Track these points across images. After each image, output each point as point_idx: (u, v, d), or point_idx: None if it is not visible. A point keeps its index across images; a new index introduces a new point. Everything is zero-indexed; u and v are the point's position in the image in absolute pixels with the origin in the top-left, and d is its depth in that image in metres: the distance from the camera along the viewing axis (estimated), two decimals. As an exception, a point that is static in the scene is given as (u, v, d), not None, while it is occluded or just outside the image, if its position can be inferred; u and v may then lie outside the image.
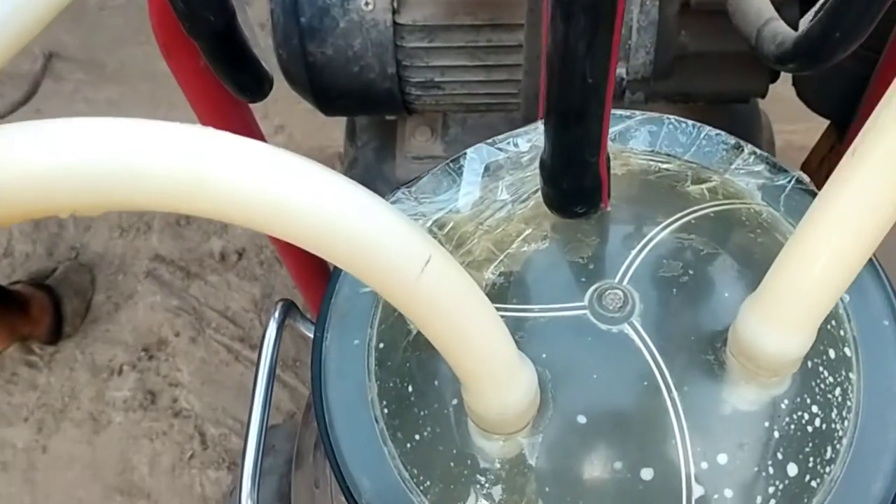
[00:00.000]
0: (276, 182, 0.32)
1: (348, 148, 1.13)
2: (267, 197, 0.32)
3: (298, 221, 0.32)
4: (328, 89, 0.91)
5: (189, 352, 1.64)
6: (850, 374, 0.48)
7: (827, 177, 0.97)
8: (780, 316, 0.41)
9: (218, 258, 1.72)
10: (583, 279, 0.48)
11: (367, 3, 0.85)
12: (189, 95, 0.69)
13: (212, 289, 1.69)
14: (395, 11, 0.86)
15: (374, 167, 1.11)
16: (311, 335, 0.54)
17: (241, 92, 0.57)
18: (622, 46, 0.88)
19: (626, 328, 0.47)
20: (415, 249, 0.35)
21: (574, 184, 0.48)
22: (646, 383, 0.45)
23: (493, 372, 0.39)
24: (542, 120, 0.47)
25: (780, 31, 0.60)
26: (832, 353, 0.48)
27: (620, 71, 0.89)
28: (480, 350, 0.38)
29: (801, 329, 0.41)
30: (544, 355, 0.46)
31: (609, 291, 0.47)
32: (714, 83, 0.92)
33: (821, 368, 0.47)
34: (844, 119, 0.87)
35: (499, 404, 0.41)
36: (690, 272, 0.48)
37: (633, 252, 0.49)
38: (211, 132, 0.32)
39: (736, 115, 1.08)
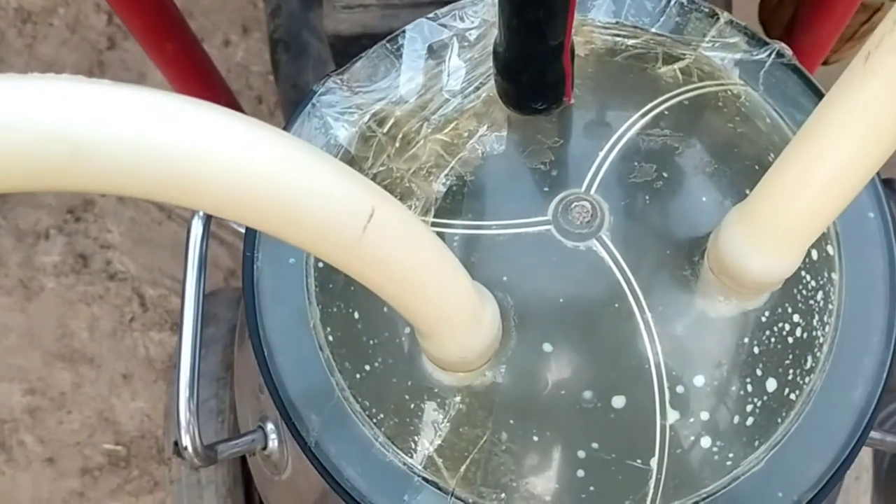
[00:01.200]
0: (161, 133, 0.25)
1: (269, -7, 1.02)
2: (152, 155, 0.25)
3: (200, 185, 0.26)
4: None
5: (118, 212, 1.56)
6: (833, 275, 0.45)
7: (788, 13, 0.91)
8: (771, 237, 0.37)
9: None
10: (545, 189, 0.43)
11: None
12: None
13: (135, 144, 1.58)
14: None
15: (299, 16, 1.01)
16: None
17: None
18: None
19: (595, 244, 0.42)
20: (353, 205, 0.29)
21: (533, 77, 0.42)
22: (617, 305, 0.41)
23: (453, 321, 0.34)
24: None
25: None
26: (814, 255, 0.44)
27: None
28: (437, 303, 0.33)
29: (792, 250, 0.37)
30: (505, 278, 0.42)
31: (575, 203, 0.42)
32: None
33: (803, 273, 0.44)
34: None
35: (459, 349, 0.37)
36: (664, 175, 0.43)
37: (601, 155, 0.43)
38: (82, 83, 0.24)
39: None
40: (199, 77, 0.79)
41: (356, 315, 0.44)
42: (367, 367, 0.43)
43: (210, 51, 1.63)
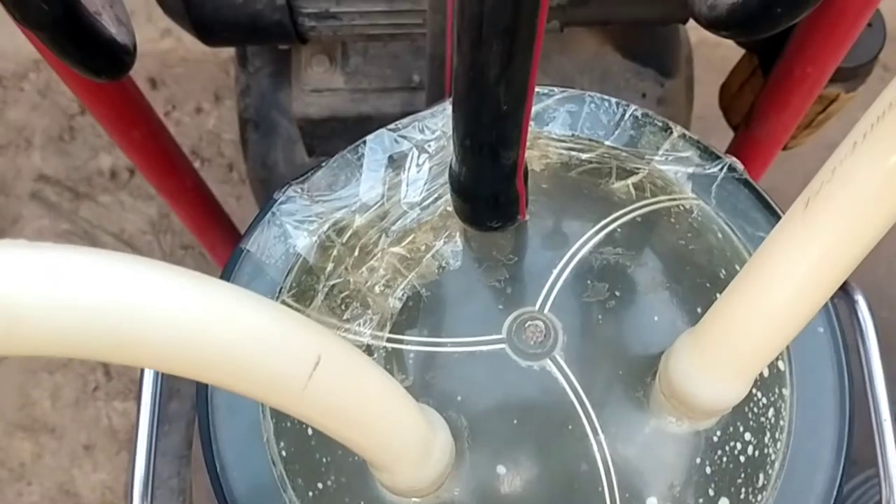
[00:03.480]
0: (98, 295, 0.25)
1: (240, 74, 1.03)
2: (97, 315, 0.25)
3: (138, 346, 0.26)
4: (209, 22, 0.81)
5: (84, 279, 1.54)
6: (784, 391, 0.45)
7: (748, 101, 0.93)
8: (719, 365, 0.37)
9: (108, 176, 1.60)
10: (500, 307, 0.43)
11: (248, -73, 0.75)
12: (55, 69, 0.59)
13: (104, 210, 1.58)
14: (281, -65, 0.76)
15: (269, 96, 1.01)
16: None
17: (95, 76, 0.48)
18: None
19: (549, 364, 0.42)
20: (298, 355, 0.29)
21: (488, 200, 0.42)
22: (570, 426, 0.41)
23: (403, 456, 0.34)
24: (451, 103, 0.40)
25: (712, -11, 0.53)
26: (765, 372, 0.45)
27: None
28: (387, 441, 0.33)
29: (742, 378, 0.38)
30: (459, 398, 0.42)
31: (529, 322, 0.43)
32: (634, 9, 0.86)
33: (754, 390, 0.44)
34: (768, 53, 0.82)
35: (410, 480, 0.36)
36: (617, 294, 0.44)
37: (555, 272, 0.44)
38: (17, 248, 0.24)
39: (654, 32, 1.02)
40: (164, 161, 0.79)
41: (309, 431, 0.44)
42: (320, 485, 0.43)
43: (182, 118, 1.64)
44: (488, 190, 0.41)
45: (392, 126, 0.51)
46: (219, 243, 0.93)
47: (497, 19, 0.31)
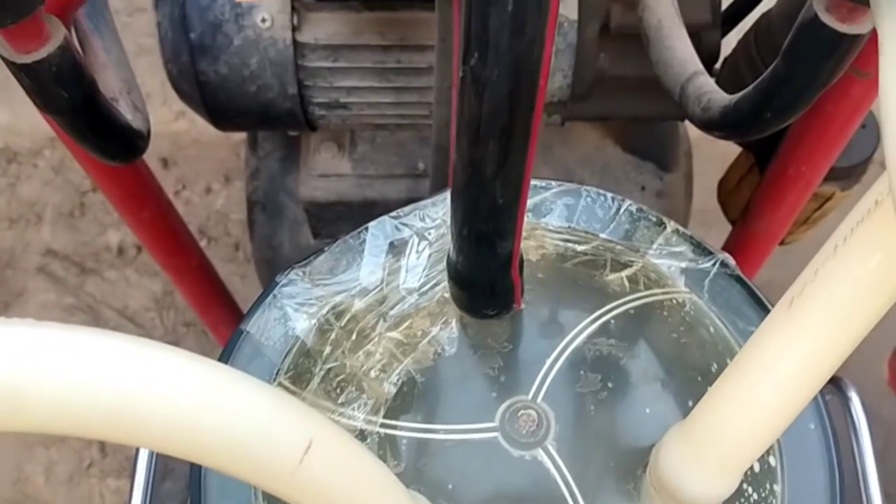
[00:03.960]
0: (105, 375, 0.26)
1: (250, 157, 1.05)
2: (93, 396, 0.26)
3: (133, 427, 0.27)
4: (223, 108, 0.84)
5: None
6: (775, 487, 0.45)
7: (745, 197, 0.95)
8: (709, 459, 0.37)
9: (116, 252, 1.62)
10: (493, 395, 0.44)
11: (263, 20, 0.78)
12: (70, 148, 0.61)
13: (109, 285, 1.59)
14: (294, 29, 0.79)
15: (277, 179, 1.04)
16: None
17: (110, 159, 0.50)
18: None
19: (540, 454, 0.42)
20: (290, 439, 0.29)
21: (484, 288, 0.43)
22: (561, 518, 0.41)
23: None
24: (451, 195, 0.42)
25: (705, 91, 0.55)
26: (756, 467, 0.45)
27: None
28: (375, 527, 0.33)
29: (731, 473, 0.38)
30: (450, 486, 0.42)
31: (522, 411, 0.43)
32: (632, 107, 0.88)
33: (745, 485, 0.44)
34: (764, 151, 0.84)
35: (398, 567, 0.36)
36: (609, 385, 0.44)
37: (548, 362, 0.45)
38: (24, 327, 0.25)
39: (653, 127, 1.05)
40: (171, 241, 0.81)
41: (302, 515, 0.44)
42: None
43: (191, 197, 1.67)
44: (484, 278, 0.42)
45: (394, 213, 0.52)
46: (221, 322, 0.94)
47: (494, 120, 0.33)
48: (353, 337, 0.48)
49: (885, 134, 0.28)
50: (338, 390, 0.46)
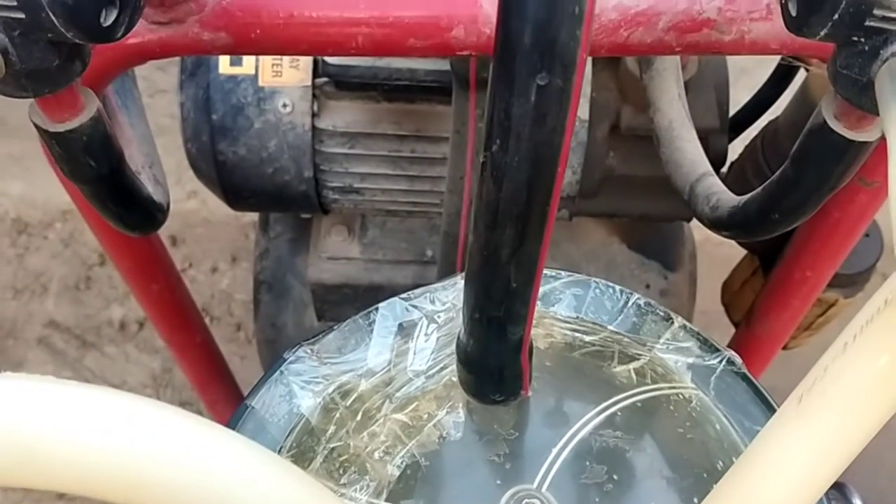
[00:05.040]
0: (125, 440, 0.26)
1: (260, 237, 1.07)
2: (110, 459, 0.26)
3: (140, 490, 0.26)
4: (238, 188, 0.86)
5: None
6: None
7: (748, 300, 0.95)
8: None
9: (118, 327, 1.62)
10: (498, 482, 0.44)
11: (284, 105, 0.80)
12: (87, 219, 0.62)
13: (108, 360, 1.58)
14: (314, 115, 0.81)
15: (286, 260, 1.05)
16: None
17: (129, 230, 0.51)
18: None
19: (543, 544, 0.42)
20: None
21: (493, 373, 0.44)
22: None
23: None
24: (462, 279, 0.42)
25: (714, 191, 0.57)
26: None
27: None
28: None
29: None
30: (450, 574, 0.41)
31: (526, 500, 0.43)
32: (640, 205, 0.90)
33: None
34: (768, 254, 0.85)
35: None
36: (615, 478, 0.44)
37: (554, 451, 0.44)
38: (54, 386, 0.26)
39: (659, 227, 1.07)
40: (177, 315, 0.82)
41: None
42: None
43: (197, 276, 1.68)
44: (494, 363, 0.43)
45: (405, 295, 0.53)
46: (220, 401, 0.93)
47: (512, 205, 0.34)
48: (359, 417, 0.48)
49: None
50: (340, 471, 0.46)
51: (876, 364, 0.31)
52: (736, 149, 0.92)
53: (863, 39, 0.34)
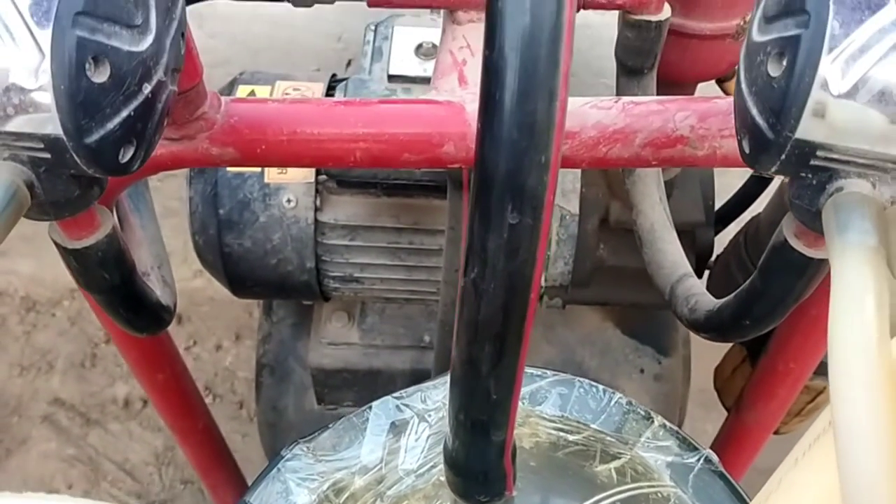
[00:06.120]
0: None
1: (263, 321, 1.10)
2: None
3: None
4: (243, 278, 0.89)
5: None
6: None
7: (739, 385, 0.97)
8: None
9: (122, 404, 1.64)
10: (482, 582, 0.46)
11: (289, 200, 0.84)
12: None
13: (112, 438, 1.60)
14: (317, 209, 0.85)
15: (288, 344, 1.07)
16: None
17: (138, 332, 0.54)
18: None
19: None
20: None
21: (478, 475, 0.46)
22: None
23: None
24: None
25: (693, 293, 0.60)
26: None
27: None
28: None
29: None
30: None
31: None
32: (631, 294, 0.93)
33: None
34: (755, 345, 0.88)
35: None
36: (594, 578, 0.46)
37: (536, 551, 0.46)
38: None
39: (652, 313, 1.09)
40: (181, 402, 0.84)
41: None
42: None
43: (201, 353, 1.71)
44: (478, 465, 0.45)
45: (397, 394, 0.56)
46: (220, 484, 0.95)
47: (490, 326, 0.37)
48: (351, 514, 0.50)
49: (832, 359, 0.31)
50: (333, 567, 0.48)
51: (823, 480, 0.34)
52: (724, 239, 0.96)
53: (810, 175, 0.38)
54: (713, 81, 0.85)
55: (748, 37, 0.39)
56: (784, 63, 0.36)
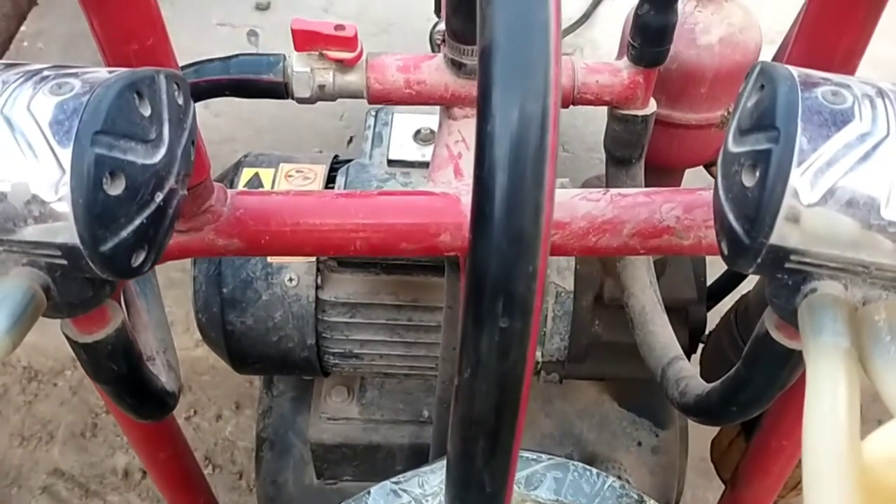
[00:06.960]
0: None
1: (263, 395, 1.11)
2: None
3: None
4: (244, 354, 0.90)
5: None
6: None
7: (735, 459, 0.98)
8: None
9: (121, 475, 1.63)
10: None
11: (290, 279, 0.86)
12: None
13: (110, 509, 1.59)
14: (318, 287, 0.87)
15: (288, 418, 1.09)
16: None
17: (142, 419, 0.56)
18: (538, 331, 0.90)
19: None
20: None
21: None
22: None
23: None
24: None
25: (683, 376, 0.61)
26: None
27: (536, 354, 0.90)
28: None
29: None
30: None
31: None
32: (626, 368, 0.94)
33: None
34: (749, 421, 0.89)
35: None
36: None
37: None
38: None
39: (648, 386, 1.11)
40: (182, 480, 0.85)
41: None
42: None
43: (201, 423, 1.71)
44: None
45: (395, 479, 0.57)
46: (220, 561, 0.95)
47: (483, 423, 0.38)
48: None
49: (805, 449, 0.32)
50: None
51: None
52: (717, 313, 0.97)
53: (785, 276, 0.40)
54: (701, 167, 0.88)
55: (724, 145, 0.42)
56: (757, 174, 0.38)
